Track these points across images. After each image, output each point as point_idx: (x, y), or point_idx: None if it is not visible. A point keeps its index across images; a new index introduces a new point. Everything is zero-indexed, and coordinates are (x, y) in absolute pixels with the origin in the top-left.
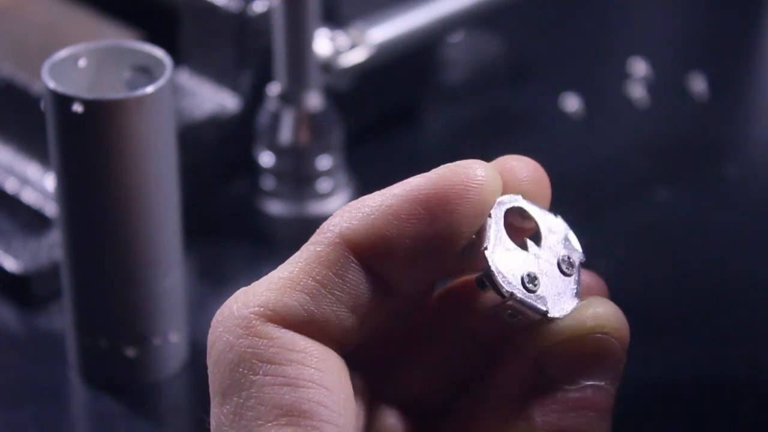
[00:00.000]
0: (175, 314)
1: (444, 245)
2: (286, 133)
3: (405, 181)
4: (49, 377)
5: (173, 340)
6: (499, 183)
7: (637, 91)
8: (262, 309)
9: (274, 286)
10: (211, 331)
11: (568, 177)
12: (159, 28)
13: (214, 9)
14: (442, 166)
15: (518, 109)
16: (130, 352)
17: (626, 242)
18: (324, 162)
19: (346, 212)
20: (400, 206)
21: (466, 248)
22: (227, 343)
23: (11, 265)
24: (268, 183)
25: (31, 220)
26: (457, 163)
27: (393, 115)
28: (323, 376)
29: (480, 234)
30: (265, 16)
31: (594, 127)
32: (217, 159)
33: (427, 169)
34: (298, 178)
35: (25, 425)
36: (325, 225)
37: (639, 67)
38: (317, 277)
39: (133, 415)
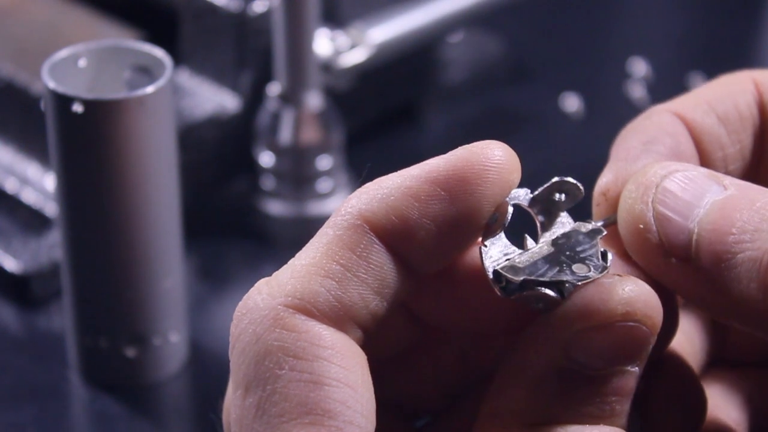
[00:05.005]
0: (175, 314)
1: (465, 226)
2: (286, 133)
3: (423, 163)
4: (49, 377)
5: (173, 340)
6: (518, 163)
7: (637, 91)
8: (289, 299)
9: (298, 273)
10: (235, 323)
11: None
12: (159, 28)
13: (214, 9)
14: (459, 148)
15: (518, 109)
16: (130, 352)
17: None
18: (324, 162)
19: (364, 194)
20: (420, 187)
21: (485, 230)
22: (254, 334)
23: (11, 265)
24: (268, 183)
25: (31, 220)
26: (475, 144)
27: (393, 115)
28: (348, 375)
29: (500, 217)
30: (265, 16)
31: (594, 127)
32: (217, 159)
33: None
34: (298, 178)
35: (25, 425)
36: (341, 208)
37: (639, 67)
38: (341, 261)
39: (133, 415)
